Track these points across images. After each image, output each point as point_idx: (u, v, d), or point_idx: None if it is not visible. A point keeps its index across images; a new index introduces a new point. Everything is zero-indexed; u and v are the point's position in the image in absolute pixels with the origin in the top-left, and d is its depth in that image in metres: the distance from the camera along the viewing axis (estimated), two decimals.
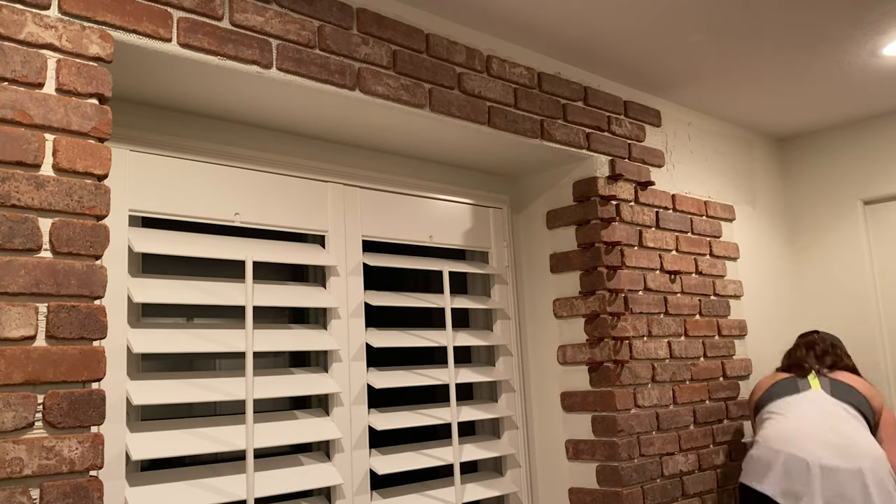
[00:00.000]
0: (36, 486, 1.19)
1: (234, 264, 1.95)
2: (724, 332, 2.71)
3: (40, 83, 1.28)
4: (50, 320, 1.23)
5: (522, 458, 2.36)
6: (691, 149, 2.78)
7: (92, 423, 1.25)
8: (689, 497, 2.40)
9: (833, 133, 3.20)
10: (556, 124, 2.24)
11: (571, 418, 2.32)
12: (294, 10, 1.67)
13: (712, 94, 2.68)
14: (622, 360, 2.25)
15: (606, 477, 2.21)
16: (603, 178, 2.35)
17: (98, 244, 1.30)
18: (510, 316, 2.43)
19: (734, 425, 2.66)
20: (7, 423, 1.17)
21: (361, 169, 2.10)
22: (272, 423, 1.79)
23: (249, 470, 1.65)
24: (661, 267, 2.51)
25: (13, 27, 1.26)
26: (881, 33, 2.28)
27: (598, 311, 2.29)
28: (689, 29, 2.16)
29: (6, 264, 1.20)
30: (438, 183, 2.30)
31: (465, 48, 2.03)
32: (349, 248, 2.03)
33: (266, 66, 1.60)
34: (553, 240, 2.43)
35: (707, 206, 2.77)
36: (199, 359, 2.01)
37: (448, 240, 2.29)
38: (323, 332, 1.94)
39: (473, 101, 2.02)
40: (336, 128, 1.94)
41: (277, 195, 1.90)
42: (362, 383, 1.98)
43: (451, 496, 2.08)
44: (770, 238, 3.13)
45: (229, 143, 1.83)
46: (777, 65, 2.46)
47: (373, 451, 2.00)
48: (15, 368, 1.18)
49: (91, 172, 1.31)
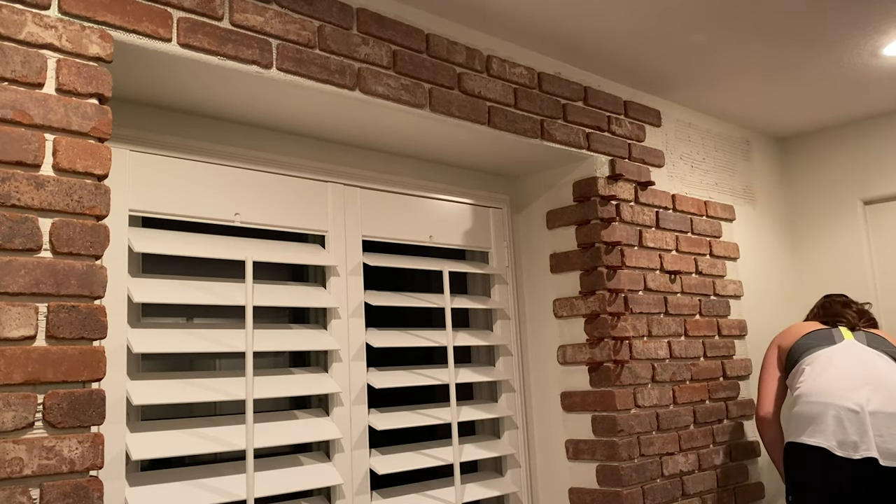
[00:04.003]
0: (36, 486, 1.19)
1: (234, 264, 1.95)
2: (724, 332, 2.71)
3: (40, 83, 1.28)
4: (50, 320, 1.23)
5: (522, 458, 2.36)
6: (691, 149, 2.78)
7: (92, 423, 1.25)
8: (689, 497, 2.40)
9: (833, 133, 3.20)
10: (556, 124, 2.24)
11: (571, 418, 2.32)
12: (294, 10, 1.67)
13: (712, 93, 2.68)
14: (622, 360, 2.25)
15: (606, 477, 2.21)
16: (603, 178, 2.35)
17: (98, 244, 1.30)
18: (510, 316, 2.43)
19: (734, 425, 2.66)
20: (7, 423, 1.17)
21: (361, 169, 2.10)
22: (272, 423, 1.79)
23: (249, 470, 1.65)
24: (661, 267, 2.51)
25: (13, 27, 1.26)
26: (881, 33, 2.28)
27: (598, 311, 2.29)
28: (690, 29, 2.16)
29: (6, 264, 1.20)
30: (438, 183, 2.30)
31: (465, 48, 2.03)
32: (349, 248, 2.03)
33: (266, 66, 1.60)
34: (553, 240, 2.43)
35: (707, 206, 2.77)
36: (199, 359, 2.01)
37: (448, 240, 2.29)
38: (323, 332, 1.94)
39: (473, 101, 2.02)
40: (336, 128, 1.94)
41: (277, 195, 1.90)
42: (362, 383, 1.98)
43: (451, 496, 2.08)
44: (770, 238, 3.13)
45: (229, 143, 1.83)
46: (777, 65, 2.46)
47: (373, 451, 2.00)
48: (15, 368, 1.18)
49: (91, 172, 1.31)
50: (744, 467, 2.65)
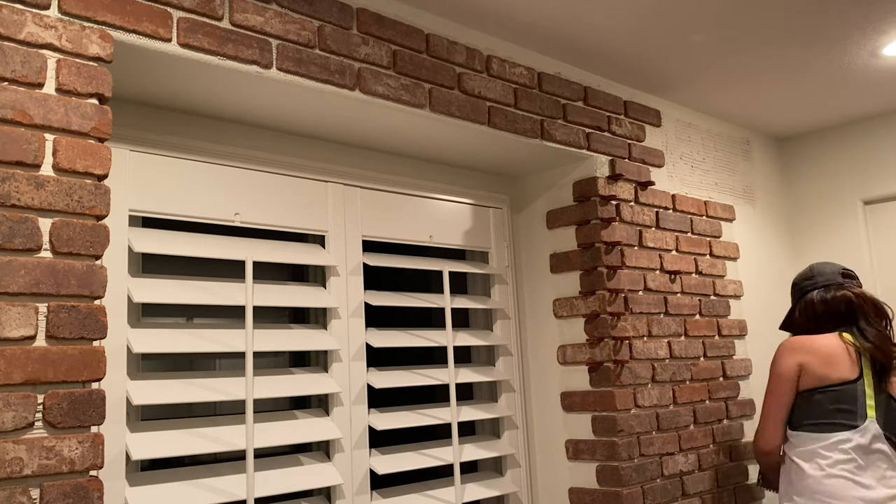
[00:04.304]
0: (36, 486, 1.19)
1: (234, 264, 1.95)
2: (724, 332, 2.71)
3: (40, 83, 1.28)
4: (50, 320, 1.23)
5: (522, 458, 2.36)
6: (691, 149, 2.78)
7: (92, 423, 1.25)
8: (689, 497, 2.40)
9: (833, 133, 3.20)
10: (556, 124, 2.24)
11: (571, 418, 2.32)
12: (294, 10, 1.67)
13: (712, 93, 2.68)
14: (622, 360, 2.25)
15: (606, 477, 2.21)
16: (603, 178, 2.35)
17: (98, 244, 1.30)
18: (510, 316, 2.43)
19: (734, 425, 2.66)
20: (7, 423, 1.17)
21: (361, 169, 2.10)
22: (272, 423, 1.79)
23: (249, 470, 1.65)
24: (661, 267, 2.51)
25: (13, 27, 1.26)
26: (881, 33, 2.28)
27: (598, 311, 2.29)
28: (690, 29, 2.16)
29: (6, 264, 1.20)
30: (438, 183, 2.30)
31: (465, 48, 2.03)
32: (349, 248, 2.03)
33: (266, 66, 1.60)
34: (553, 240, 2.43)
35: (707, 206, 2.77)
36: (199, 359, 2.01)
37: (448, 240, 2.29)
38: (323, 332, 1.94)
39: (473, 101, 2.02)
40: (336, 128, 1.94)
41: (277, 195, 1.90)
42: (362, 383, 1.98)
43: (451, 496, 2.08)
44: (770, 238, 3.13)
45: (229, 143, 1.83)
46: (777, 64, 2.46)
47: (373, 450, 2.00)
48: (15, 368, 1.18)
49: (91, 172, 1.31)
50: (744, 467, 2.65)
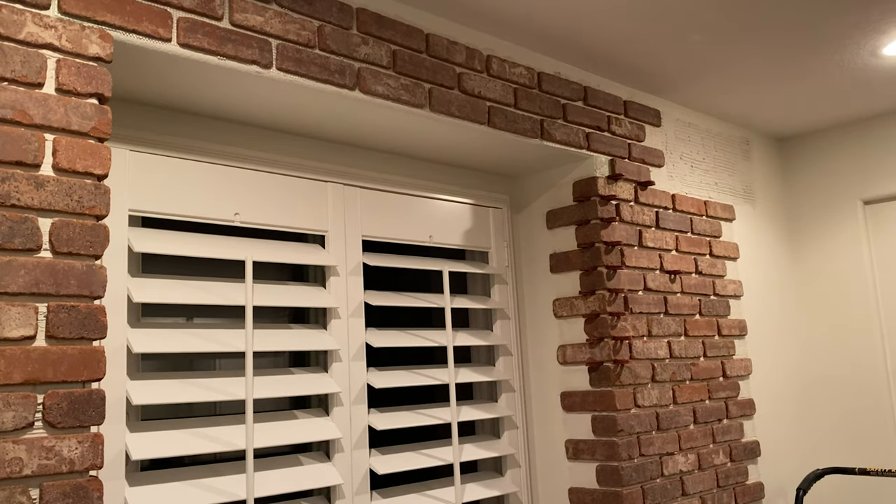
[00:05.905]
0: (36, 486, 1.19)
1: (234, 264, 1.95)
2: (724, 331, 2.71)
3: (40, 83, 1.28)
4: (50, 320, 1.23)
5: (522, 458, 2.36)
6: (691, 149, 2.78)
7: (92, 423, 1.25)
8: (689, 497, 2.40)
9: (833, 133, 3.20)
10: (556, 124, 2.24)
11: (571, 418, 2.32)
12: (294, 10, 1.67)
13: (712, 94, 2.68)
14: (622, 360, 2.25)
15: (606, 477, 2.21)
16: (603, 178, 2.35)
17: (98, 244, 1.30)
18: (510, 316, 2.43)
19: (734, 425, 2.66)
20: (7, 423, 1.17)
21: (361, 169, 2.10)
22: (272, 423, 1.79)
23: (249, 470, 1.65)
24: (661, 267, 2.51)
25: (13, 27, 1.26)
26: (881, 33, 2.28)
27: (598, 311, 2.29)
28: (689, 29, 2.16)
29: (6, 264, 1.20)
30: (438, 183, 2.30)
31: (465, 48, 2.03)
32: (349, 248, 2.03)
33: (266, 66, 1.60)
34: (553, 240, 2.43)
35: (707, 205, 2.77)
36: (199, 359, 2.01)
37: (448, 240, 2.29)
38: (323, 332, 1.94)
39: (473, 101, 2.02)
40: (336, 128, 1.94)
41: (277, 195, 1.90)
42: (362, 383, 1.98)
43: (451, 496, 2.08)
44: (770, 238, 3.13)
45: (229, 143, 1.83)
46: (777, 65, 2.46)
47: (373, 450, 2.00)
48: (15, 368, 1.18)
49: (91, 172, 1.31)
50: (744, 467, 2.65)
